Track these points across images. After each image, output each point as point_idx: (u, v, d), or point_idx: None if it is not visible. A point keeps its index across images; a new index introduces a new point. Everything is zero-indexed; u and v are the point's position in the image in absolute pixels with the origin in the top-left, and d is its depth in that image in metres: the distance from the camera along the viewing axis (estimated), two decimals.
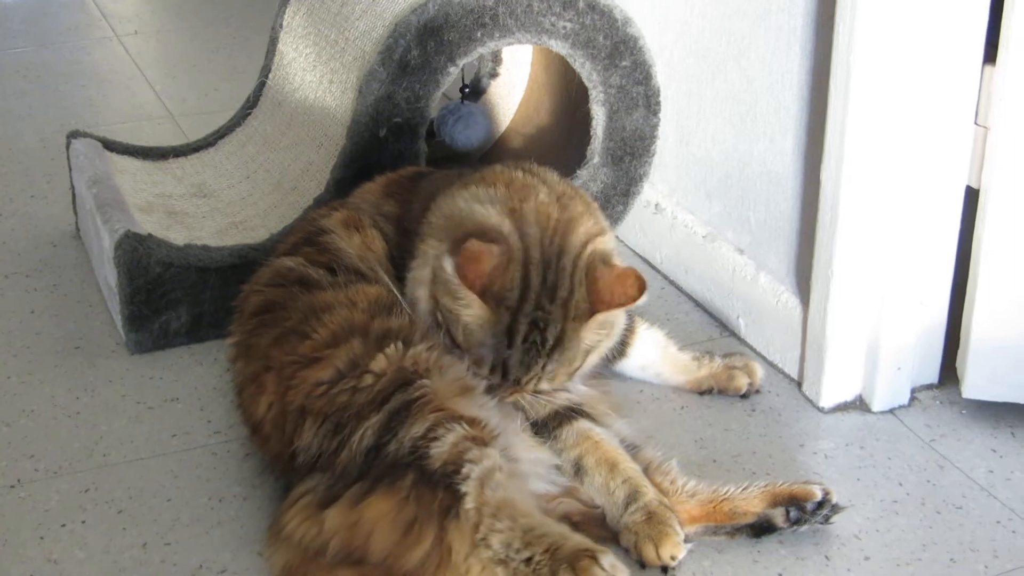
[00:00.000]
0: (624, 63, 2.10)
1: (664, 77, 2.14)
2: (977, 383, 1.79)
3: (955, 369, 1.83)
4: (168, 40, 3.56)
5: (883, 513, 1.63)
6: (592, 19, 2.05)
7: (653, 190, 2.25)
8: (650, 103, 2.14)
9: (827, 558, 1.55)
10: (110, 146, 2.34)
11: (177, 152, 2.39)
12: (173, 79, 3.21)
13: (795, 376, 1.91)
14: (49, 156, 2.70)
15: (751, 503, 1.56)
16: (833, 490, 1.57)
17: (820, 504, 1.56)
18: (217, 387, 1.89)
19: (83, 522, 1.61)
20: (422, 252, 1.60)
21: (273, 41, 2.38)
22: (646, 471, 1.58)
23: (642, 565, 1.50)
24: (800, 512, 1.55)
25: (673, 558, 1.50)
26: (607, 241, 1.63)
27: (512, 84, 2.52)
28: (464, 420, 1.44)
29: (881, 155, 1.71)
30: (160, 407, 1.85)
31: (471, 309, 1.52)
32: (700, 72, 2.07)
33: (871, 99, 1.68)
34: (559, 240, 1.56)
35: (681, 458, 1.64)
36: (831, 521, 1.57)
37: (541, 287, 1.53)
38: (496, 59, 2.51)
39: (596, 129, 2.13)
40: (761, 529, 1.56)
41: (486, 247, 1.50)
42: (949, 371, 1.86)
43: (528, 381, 1.56)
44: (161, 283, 1.94)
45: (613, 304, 1.55)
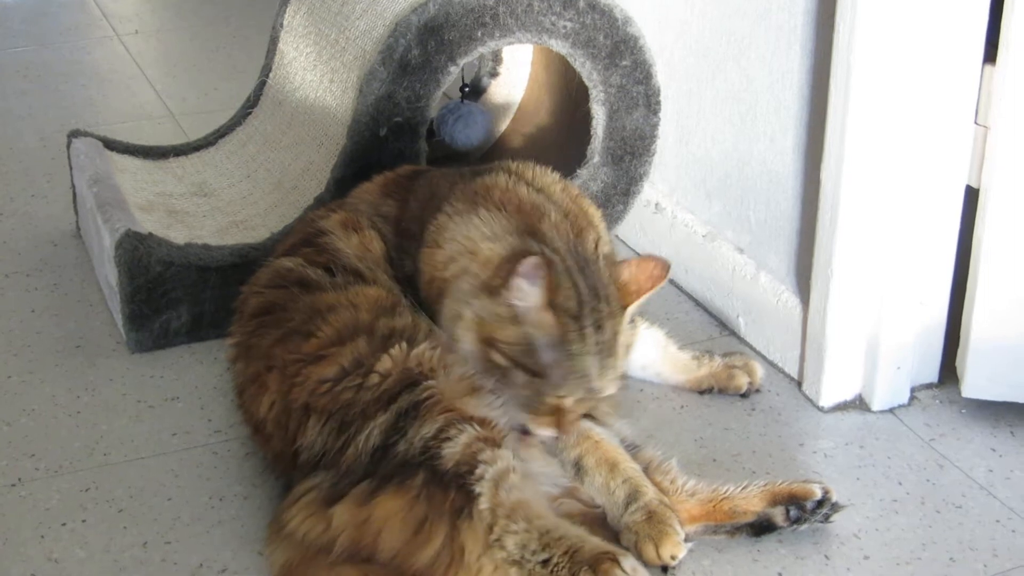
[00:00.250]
0: (624, 62, 2.10)
1: (664, 76, 2.14)
2: (977, 382, 1.79)
3: (955, 368, 1.84)
4: (168, 39, 3.56)
5: (883, 512, 1.63)
6: (592, 18, 2.05)
7: (653, 189, 2.25)
8: (650, 102, 2.14)
9: (827, 557, 1.55)
10: (111, 145, 2.34)
11: (177, 151, 2.39)
12: (173, 78, 3.21)
13: (795, 375, 1.91)
14: (50, 155, 2.70)
15: (751, 502, 1.56)
16: (833, 489, 1.57)
17: (820, 503, 1.56)
18: (217, 386, 1.89)
19: (84, 521, 1.61)
20: (449, 305, 1.56)
21: (274, 40, 2.38)
22: (646, 470, 1.58)
23: (642, 565, 1.50)
24: (800, 511, 1.56)
25: (673, 557, 1.50)
26: (610, 244, 1.65)
27: (512, 83, 2.52)
28: (475, 421, 1.44)
29: (881, 154, 1.71)
30: (160, 406, 1.85)
31: (541, 328, 1.48)
32: (700, 71, 2.07)
33: (871, 98, 1.68)
34: (579, 248, 1.57)
35: (681, 457, 1.64)
36: (831, 520, 1.58)
37: (588, 288, 1.52)
38: (496, 58, 2.51)
39: (596, 128, 2.13)
40: (761, 528, 1.56)
41: (539, 259, 1.46)
42: (949, 370, 1.86)
43: (606, 386, 1.54)
44: (162, 282, 1.94)
45: (642, 291, 1.56)
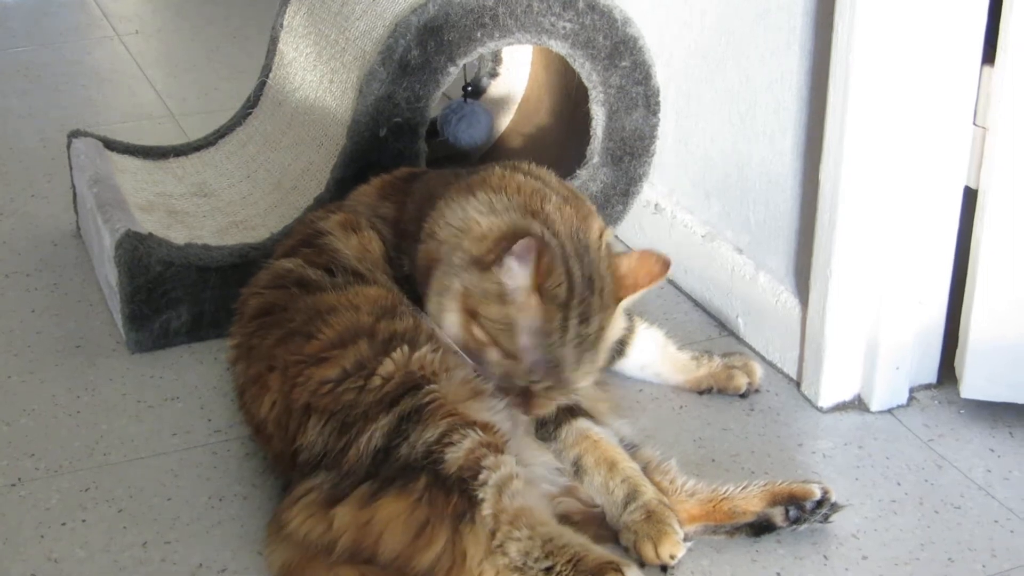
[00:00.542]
0: (624, 63, 2.10)
1: (663, 77, 2.14)
2: (975, 383, 1.79)
3: (953, 369, 1.84)
4: (169, 40, 3.56)
5: (881, 512, 1.63)
6: (592, 19, 2.05)
7: (652, 190, 2.25)
8: (649, 103, 2.14)
9: (825, 557, 1.55)
10: (111, 145, 2.34)
11: (178, 151, 2.39)
12: (174, 78, 3.21)
13: (794, 376, 1.92)
14: (50, 155, 2.70)
15: (750, 502, 1.56)
16: (832, 489, 1.57)
17: (819, 503, 1.56)
18: (217, 386, 1.89)
19: (83, 521, 1.61)
20: (438, 278, 1.56)
21: (273, 41, 2.38)
22: (645, 470, 1.58)
23: (641, 564, 1.50)
24: (799, 511, 1.56)
25: (672, 557, 1.50)
26: (611, 235, 1.65)
27: (512, 84, 2.52)
28: (478, 426, 1.44)
29: (880, 155, 1.71)
30: (160, 406, 1.85)
31: (525, 311, 1.49)
32: (699, 72, 2.08)
33: (870, 99, 1.68)
34: (582, 236, 1.57)
35: (680, 457, 1.64)
36: (830, 520, 1.58)
37: (582, 278, 1.52)
38: (496, 59, 2.51)
39: (596, 129, 2.13)
40: (760, 528, 1.56)
41: (538, 242, 1.46)
42: (947, 371, 1.86)
43: (579, 379, 1.55)
44: (161, 282, 1.94)
45: (639, 287, 1.57)
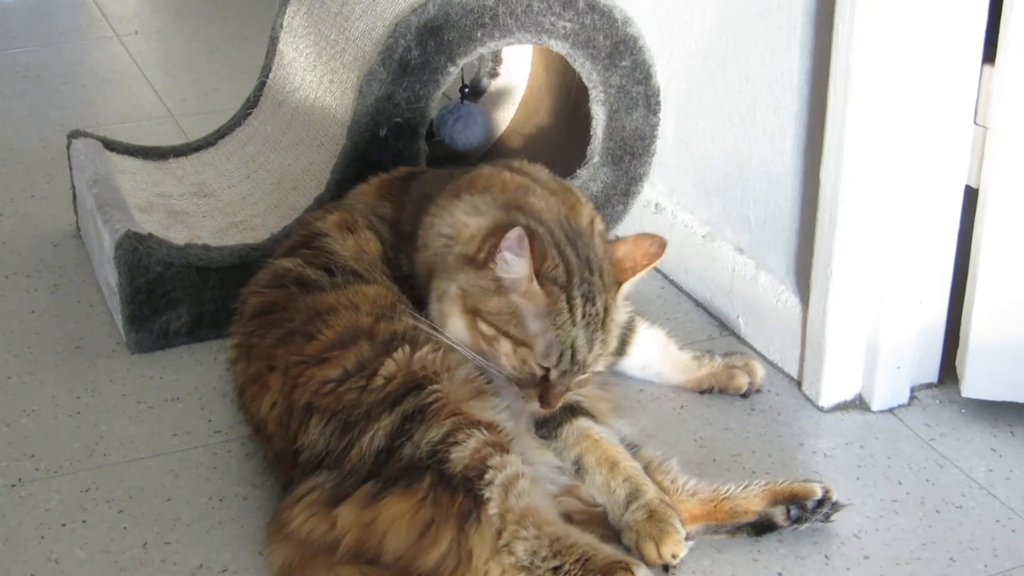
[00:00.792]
0: (624, 63, 2.10)
1: (664, 77, 2.14)
2: (976, 382, 1.79)
3: (954, 368, 1.83)
4: (168, 40, 3.56)
5: (882, 512, 1.63)
6: (592, 19, 2.05)
7: (653, 190, 2.25)
8: (650, 103, 2.14)
9: (827, 557, 1.55)
10: (110, 146, 2.34)
11: (177, 152, 2.39)
12: (173, 79, 3.21)
13: (795, 375, 1.91)
14: (49, 156, 2.70)
15: (752, 502, 1.56)
16: (833, 488, 1.57)
17: (820, 502, 1.56)
18: (217, 387, 1.89)
19: (84, 521, 1.61)
20: (436, 286, 1.56)
21: (273, 41, 2.38)
22: (646, 470, 1.58)
23: (644, 564, 1.49)
24: (801, 510, 1.56)
25: (674, 556, 1.50)
26: (603, 225, 1.66)
27: (512, 84, 2.52)
28: (482, 425, 1.44)
29: (880, 154, 1.71)
30: (160, 407, 1.85)
31: (528, 298, 1.49)
32: (700, 72, 2.07)
33: (870, 98, 1.68)
34: (572, 222, 1.58)
35: (681, 457, 1.64)
36: (831, 519, 1.58)
37: (578, 260, 1.53)
38: (496, 59, 2.51)
39: (596, 129, 2.13)
40: (762, 528, 1.56)
41: (522, 229, 1.46)
42: (948, 370, 1.86)
43: (593, 361, 1.55)
44: (161, 283, 1.94)
45: (638, 268, 1.58)
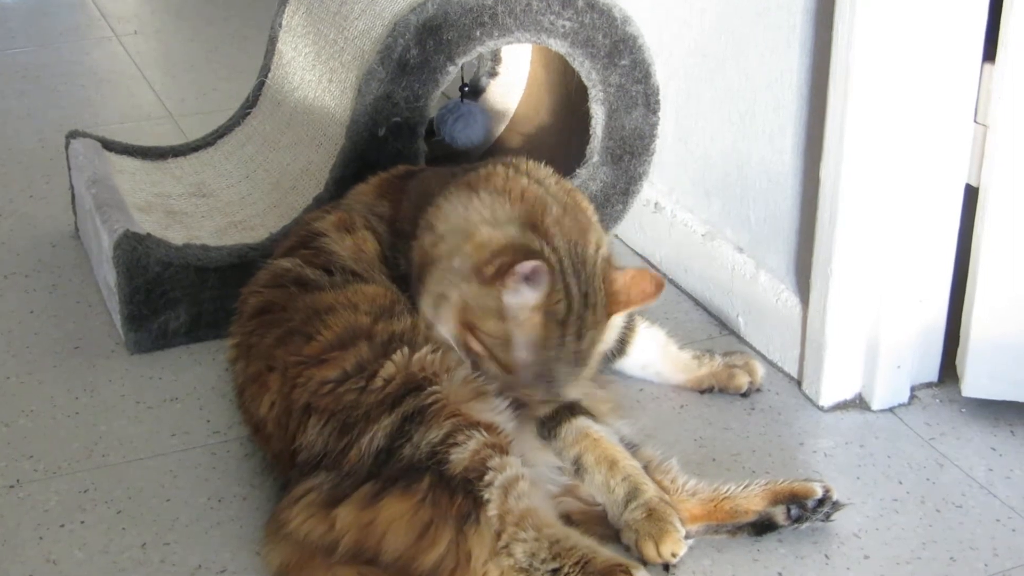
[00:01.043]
0: (623, 62, 2.09)
1: (663, 76, 2.14)
2: (977, 381, 1.79)
3: (955, 367, 1.83)
4: (167, 40, 3.56)
5: (883, 512, 1.63)
6: (591, 18, 2.05)
7: (652, 189, 2.25)
8: (649, 102, 2.14)
9: (827, 557, 1.55)
10: (109, 146, 2.34)
11: (176, 152, 2.39)
12: (172, 79, 3.21)
13: (795, 375, 1.91)
14: (48, 156, 2.70)
15: (752, 501, 1.56)
16: (833, 488, 1.57)
17: (821, 501, 1.56)
18: (216, 387, 1.89)
19: (82, 522, 1.60)
20: (436, 279, 1.56)
21: (272, 40, 2.38)
22: (646, 469, 1.58)
23: (643, 563, 1.49)
24: (801, 510, 1.55)
25: (674, 555, 1.49)
26: (608, 245, 1.65)
27: (511, 83, 2.52)
28: (482, 426, 1.44)
29: (880, 153, 1.71)
30: (159, 407, 1.85)
31: (525, 328, 1.50)
32: (699, 71, 2.07)
33: (870, 97, 1.68)
34: (580, 250, 1.56)
35: (681, 457, 1.64)
36: (832, 519, 1.57)
37: (579, 294, 1.53)
38: (495, 58, 2.50)
39: (595, 128, 2.13)
40: (762, 527, 1.56)
41: (539, 266, 1.47)
42: (949, 369, 1.86)
43: (569, 392, 1.56)
44: (160, 283, 1.93)
45: (631, 304, 1.57)
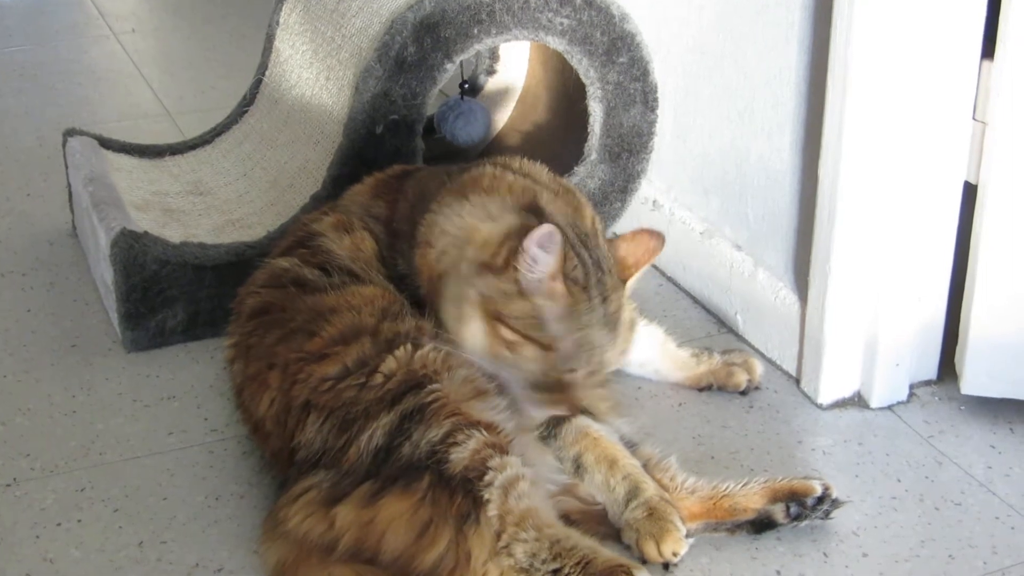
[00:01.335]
0: (621, 59, 2.09)
1: (661, 73, 2.13)
2: (976, 379, 1.78)
3: (954, 365, 1.83)
4: (165, 38, 3.56)
5: (881, 509, 1.63)
6: (589, 15, 2.05)
7: (651, 186, 2.25)
8: (647, 99, 2.14)
9: (825, 555, 1.55)
10: (106, 144, 2.34)
11: (173, 150, 2.39)
12: (170, 77, 3.21)
13: (793, 373, 1.91)
14: (45, 154, 2.70)
15: (751, 499, 1.56)
16: (832, 485, 1.57)
17: (820, 499, 1.56)
18: (214, 385, 1.89)
19: (79, 521, 1.60)
20: (450, 289, 1.55)
21: (269, 38, 2.37)
22: (645, 468, 1.57)
23: (643, 562, 1.49)
24: (800, 507, 1.55)
25: (675, 554, 1.49)
26: (603, 224, 1.68)
27: (509, 81, 2.52)
28: (482, 425, 1.43)
29: (879, 151, 1.70)
30: (156, 405, 1.84)
31: (551, 298, 1.48)
32: (697, 68, 2.07)
33: (869, 94, 1.67)
34: (579, 223, 1.58)
35: (680, 455, 1.63)
36: (831, 516, 1.57)
37: (591, 260, 1.53)
38: (493, 56, 2.50)
39: (593, 125, 2.13)
40: (762, 525, 1.56)
41: (550, 229, 1.45)
42: (948, 367, 1.86)
43: (613, 359, 1.54)
44: (157, 281, 1.93)
45: (640, 264, 1.58)
